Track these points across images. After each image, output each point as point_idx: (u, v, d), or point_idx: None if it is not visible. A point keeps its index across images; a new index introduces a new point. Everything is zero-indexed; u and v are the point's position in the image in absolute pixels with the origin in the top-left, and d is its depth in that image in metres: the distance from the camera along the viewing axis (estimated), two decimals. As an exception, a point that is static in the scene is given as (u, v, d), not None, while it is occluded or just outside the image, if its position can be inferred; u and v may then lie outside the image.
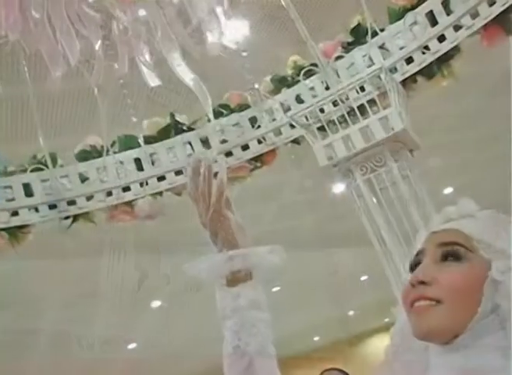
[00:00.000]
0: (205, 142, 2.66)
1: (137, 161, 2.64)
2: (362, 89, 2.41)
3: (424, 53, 2.38)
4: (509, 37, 2.32)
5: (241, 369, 1.02)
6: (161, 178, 2.66)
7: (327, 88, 2.51)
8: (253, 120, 2.64)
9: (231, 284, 1.05)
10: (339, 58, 2.51)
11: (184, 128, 2.70)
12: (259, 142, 2.66)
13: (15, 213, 2.49)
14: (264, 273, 1.07)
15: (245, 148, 2.66)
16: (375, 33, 2.41)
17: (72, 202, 2.57)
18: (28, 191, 2.51)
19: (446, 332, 0.87)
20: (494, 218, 0.95)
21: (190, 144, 2.67)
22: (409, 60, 2.41)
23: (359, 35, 2.49)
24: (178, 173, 2.66)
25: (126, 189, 2.64)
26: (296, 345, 10.11)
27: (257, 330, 1.03)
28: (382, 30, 2.43)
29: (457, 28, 2.32)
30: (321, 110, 2.44)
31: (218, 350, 1.05)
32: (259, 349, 1.03)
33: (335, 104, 2.43)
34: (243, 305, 1.03)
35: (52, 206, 2.54)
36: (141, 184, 2.64)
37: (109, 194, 2.62)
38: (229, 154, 2.65)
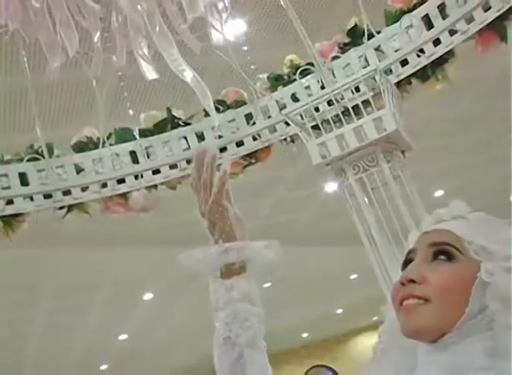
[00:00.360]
0: (201, 137, 2.68)
1: (133, 153, 2.65)
2: (357, 89, 2.42)
3: (419, 56, 2.40)
4: (503, 43, 2.35)
5: (232, 361, 1.03)
6: (156, 171, 2.67)
7: (322, 88, 2.52)
8: (248, 117, 2.66)
9: (225, 276, 1.06)
10: (335, 58, 2.53)
11: (180, 123, 2.72)
12: (254, 139, 2.68)
13: (10, 202, 2.50)
14: (258, 267, 1.08)
15: (240, 144, 2.68)
16: (371, 35, 2.43)
17: (67, 192, 2.58)
18: (24, 179, 2.52)
19: (434, 330, 0.88)
20: (486, 220, 0.97)
21: (185, 138, 2.69)
22: (404, 62, 2.43)
23: (355, 36, 2.51)
24: (173, 166, 2.68)
25: (121, 181, 2.64)
26: (285, 341, 10.16)
27: (249, 324, 1.04)
28: (378, 32, 2.45)
29: (452, 32, 2.34)
30: (316, 109, 2.46)
31: (210, 342, 1.07)
32: (249, 342, 1.03)
33: (330, 103, 2.44)
34: (236, 298, 1.04)
35: (47, 196, 2.55)
36: (136, 177, 2.65)
37: (104, 185, 2.63)
38: (223, 149, 2.67)
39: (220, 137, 2.65)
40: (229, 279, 1.05)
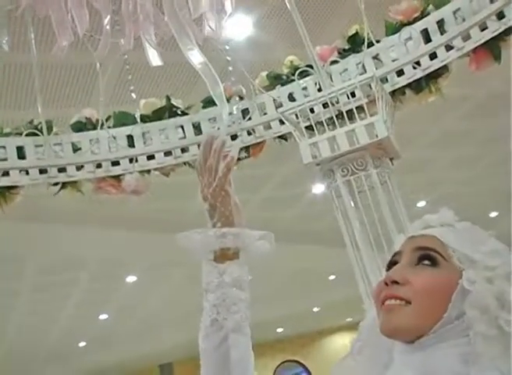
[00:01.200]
0: (197, 127, 2.74)
1: (130, 138, 2.70)
2: (353, 95, 2.48)
3: (414, 68, 2.46)
4: (495, 64, 2.42)
5: (217, 343, 1.05)
6: (150, 157, 2.72)
7: (319, 90, 2.58)
8: (245, 112, 2.71)
9: (218, 260, 1.08)
10: (334, 62, 2.59)
11: (178, 112, 2.77)
12: (249, 134, 2.74)
13: (6, 173, 2.54)
14: (251, 255, 1.10)
15: (234, 137, 2.74)
16: (370, 44, 2.49)
17: (62, 169, 2.62)
18: (21, 153, 2.56)
19: (412, 331, 0.91)
20: (472, 230, 1.00)
21: (182, 127, 2.74)
22: (400, 73, 2.49)
23: (355, 43, 2.57)
24: (167, 154, 2.73)
25: (116, 163, 2.69)
26: (261, 334, 10.23)
27: (237, 309, 1.06)
28: (377, 42, 2.51)
29: (449, 48, 2.40)
30: (311, 110, 2.52)
31: (188, 328, 1.11)
32: (236, 326, 1.06)
33: (325, 106, 2.49)
34: (227, 282, 1.06)
35: (43, 171, 2.60)
36: (131, 160, 2.69)
37: (99, 166, 2.68)
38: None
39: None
40: (223, 263, 1.07)
